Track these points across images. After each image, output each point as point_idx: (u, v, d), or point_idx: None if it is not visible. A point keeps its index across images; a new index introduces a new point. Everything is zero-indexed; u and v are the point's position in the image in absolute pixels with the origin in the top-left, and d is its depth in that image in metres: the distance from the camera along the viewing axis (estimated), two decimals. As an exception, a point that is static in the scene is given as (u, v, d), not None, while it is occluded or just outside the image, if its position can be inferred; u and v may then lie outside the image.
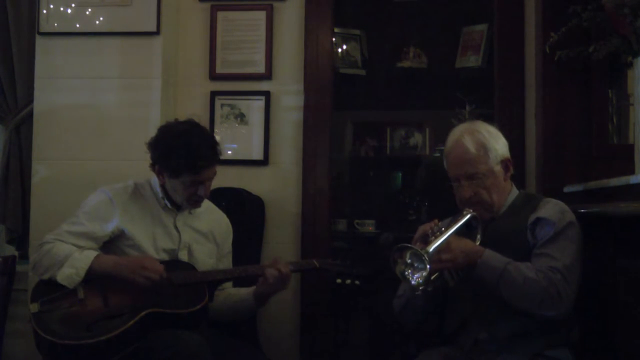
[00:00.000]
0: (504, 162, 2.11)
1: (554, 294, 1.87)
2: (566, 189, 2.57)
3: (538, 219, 2.01)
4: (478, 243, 2.03)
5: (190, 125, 2.30)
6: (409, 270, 1.90)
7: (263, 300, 2.38)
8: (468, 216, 2.04)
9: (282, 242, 2.96)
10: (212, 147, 2.27)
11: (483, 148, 2.07)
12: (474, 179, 2.06)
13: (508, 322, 1.98)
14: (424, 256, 1.84)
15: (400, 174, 3.86)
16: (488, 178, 2.07)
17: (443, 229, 1.97)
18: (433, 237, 1.93)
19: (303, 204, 2.96)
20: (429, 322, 2.19)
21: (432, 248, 1.88)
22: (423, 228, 1.99)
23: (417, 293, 1.98)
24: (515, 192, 2.16)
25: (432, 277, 1.93)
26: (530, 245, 2.00)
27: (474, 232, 2.06)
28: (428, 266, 1.84)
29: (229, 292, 2.43)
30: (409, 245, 1.89)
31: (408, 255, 1.89)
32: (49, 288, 2.15)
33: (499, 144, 2.10)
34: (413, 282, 1.90)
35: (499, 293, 1.92)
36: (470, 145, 2.07)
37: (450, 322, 2.13)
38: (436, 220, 2.00)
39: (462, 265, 1.95)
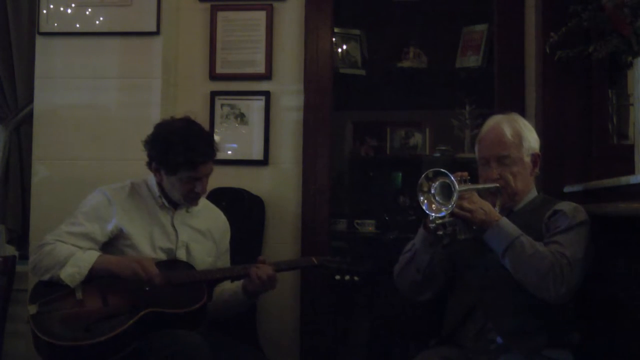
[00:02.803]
0: (534, 156, 2.19)
1: (557, 273, 1.89)
2: (566, 189, 2.57)
3: (555, 211, 2.06)
4: None
5: (187, 122, 2.32)
6: (425, 200, 1.94)
7: (252, 296, 2.37)
8: (493, 185, 2.11)
9: (282, 242, 2.96)
10: (209, 143, 2.29)
11: (518, 136, 2.15)
12: (503, 162, 2.13)
13: (513, 315, 2.00)
14: (455, 187, 1.86)
15: (400, 174, 3.85)
16: (517, 165, 2.14)
17: (470, 184, 2.01)
18: (462, 184, 1.96)
19: (303, 204, 2.96)
20: (425, 289, 2.17)
21: (460, 188, 1.90)
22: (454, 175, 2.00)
23: (430, 225, 1.99)
24: (535, 192, 2.22)
25: (446, 220, 1.96)
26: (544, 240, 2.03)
27: None
28: (456, 195, 1.86)
29: (223, 288, 2.43)
30: (446, 171, 1.91)
31: (437, 184, 1.92)
32: (48, 289, 2.15)
33: (532, 138, 2.19)
34: (431, 214, 1.93)
35: (505, 261, 1.95)
36: (507, 130, 2.15)
37: (455, 313, 2.13)
38: (466, 173, 2.03)
39: (478, 222, 1.98)
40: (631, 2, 2.06)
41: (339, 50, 3.48)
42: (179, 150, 2.21)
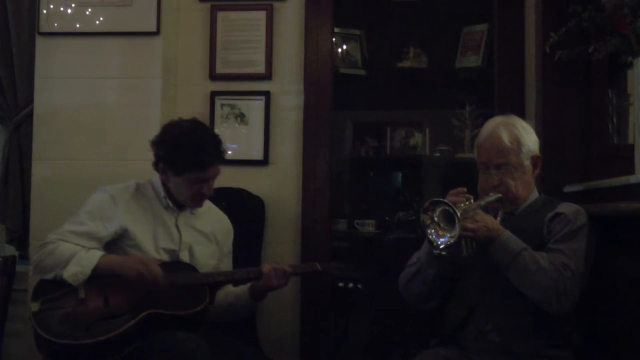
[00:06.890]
0: (534, 159, 2.17)
1: (560, 289, 1.89)
2: (566, 189, 2.57)
3: (556, 214, 2.06)
4: None
5: (196, 124, 2.33)
6: (432, 230, 1.93)
7: (259, 295, 2.36)
8: (496, 196, 2.10)
9: (282, 242, 2.96)
10: (218, 145, 2.30)
11: (517, 141, 2.13)
12: (503, 169, 2.12)
13: (513, 315, 2.00)
14: (457, 215, 1.86)
15: (400, 174, 3.85)
16: (517, 170, 2.12)
17: (472, 200, 2.01)
18: (462, 205, 1.95)
19: (303, 204, 2.96)
20: (432, 298, 2.18)
21: (461, 212, 1.90)
22: (453, 198, 2.00)
23: (435, 252, 1.98)
24: (536, 193, 2.22)
25: (452, 242, 1.95)
26: (546, 242, 2.03)
27: None
28: (458, 225, 1.86)
29: (227, 290, 2.43)
30: (445, 200, 1.91)
31: (438, 212, 1.91)
32: (50, 287, 2.15)
33: (531, 140, 2.17)
34: (438, 240, 1.93)
35: (508, 275, 1.96)
36: (505, 136, 2.13)
37: (455, 313, 2.13)
38: (466, 192, 2.02)
39: (481, 239, 1.98)
40: (631, 2, 2.06)
41: (339, 50, 3.48)
42: (189, 151, 2.22)
